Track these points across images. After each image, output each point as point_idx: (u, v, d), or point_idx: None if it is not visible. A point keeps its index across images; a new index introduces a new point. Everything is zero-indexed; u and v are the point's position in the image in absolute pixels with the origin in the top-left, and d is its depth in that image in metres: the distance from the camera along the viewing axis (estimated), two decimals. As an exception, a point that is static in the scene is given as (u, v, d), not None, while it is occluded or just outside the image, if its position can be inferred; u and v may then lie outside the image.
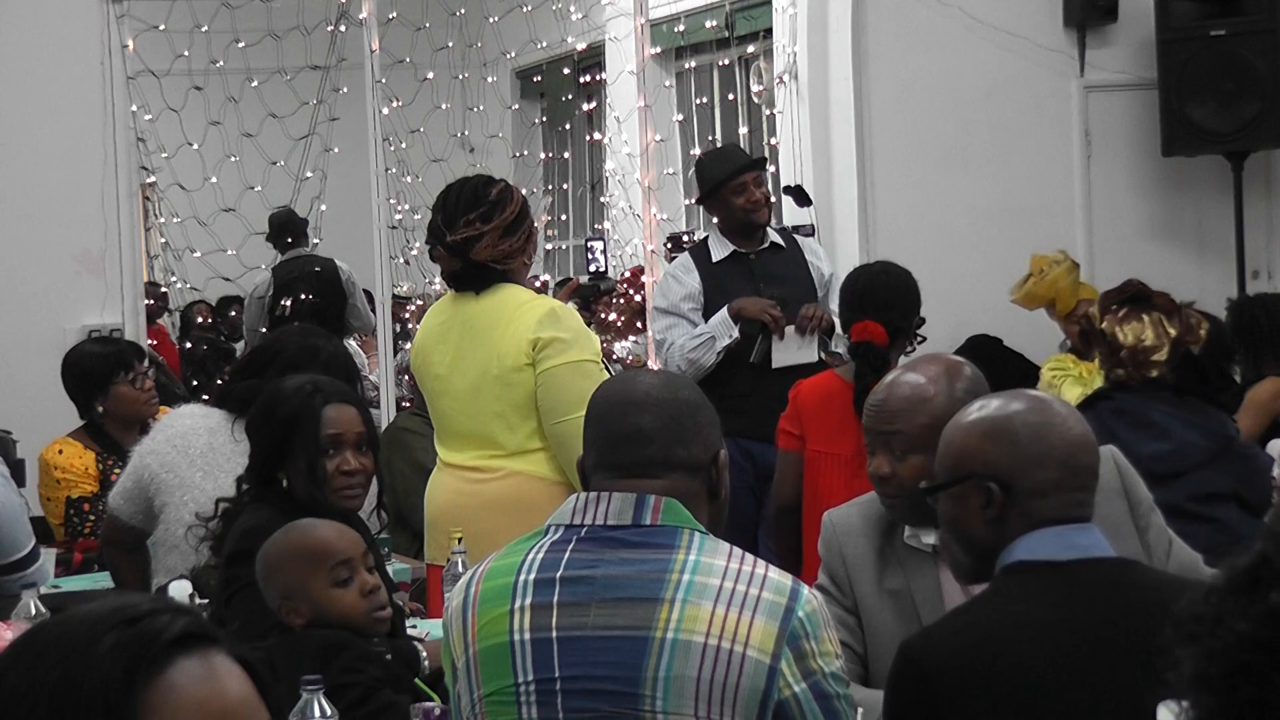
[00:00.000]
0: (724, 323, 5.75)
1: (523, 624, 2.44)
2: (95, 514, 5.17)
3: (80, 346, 5.62)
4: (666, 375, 2.80)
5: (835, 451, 4.81)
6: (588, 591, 2.43)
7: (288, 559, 3.11)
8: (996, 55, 7.37)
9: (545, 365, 4.25)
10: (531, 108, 12.00)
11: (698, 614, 2.37)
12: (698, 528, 2.48)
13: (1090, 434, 2.58)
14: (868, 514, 3.23)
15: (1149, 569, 2.64)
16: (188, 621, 1.41)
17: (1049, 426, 2.53)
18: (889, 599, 3.12)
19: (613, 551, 2.45)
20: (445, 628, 2.58)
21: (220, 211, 9.40)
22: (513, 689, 2.44)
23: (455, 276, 4.42)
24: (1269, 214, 7.60)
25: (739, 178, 5.93)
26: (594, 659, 2.40)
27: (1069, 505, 2.50)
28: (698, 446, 2.55)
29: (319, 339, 4.45)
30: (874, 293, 4.91)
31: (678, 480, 2.52)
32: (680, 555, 2.43)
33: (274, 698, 1.46)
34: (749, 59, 10.10)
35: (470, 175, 4.62)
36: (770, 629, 2.37)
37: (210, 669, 1.41)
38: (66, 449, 5.26)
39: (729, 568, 2.42)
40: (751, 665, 2.35)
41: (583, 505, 2.51)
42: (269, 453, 3.63)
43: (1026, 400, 2.61)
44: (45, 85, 6.92)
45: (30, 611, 3.63)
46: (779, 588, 2.41)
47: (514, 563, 2.50)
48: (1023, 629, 2.41)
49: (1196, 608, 1.40)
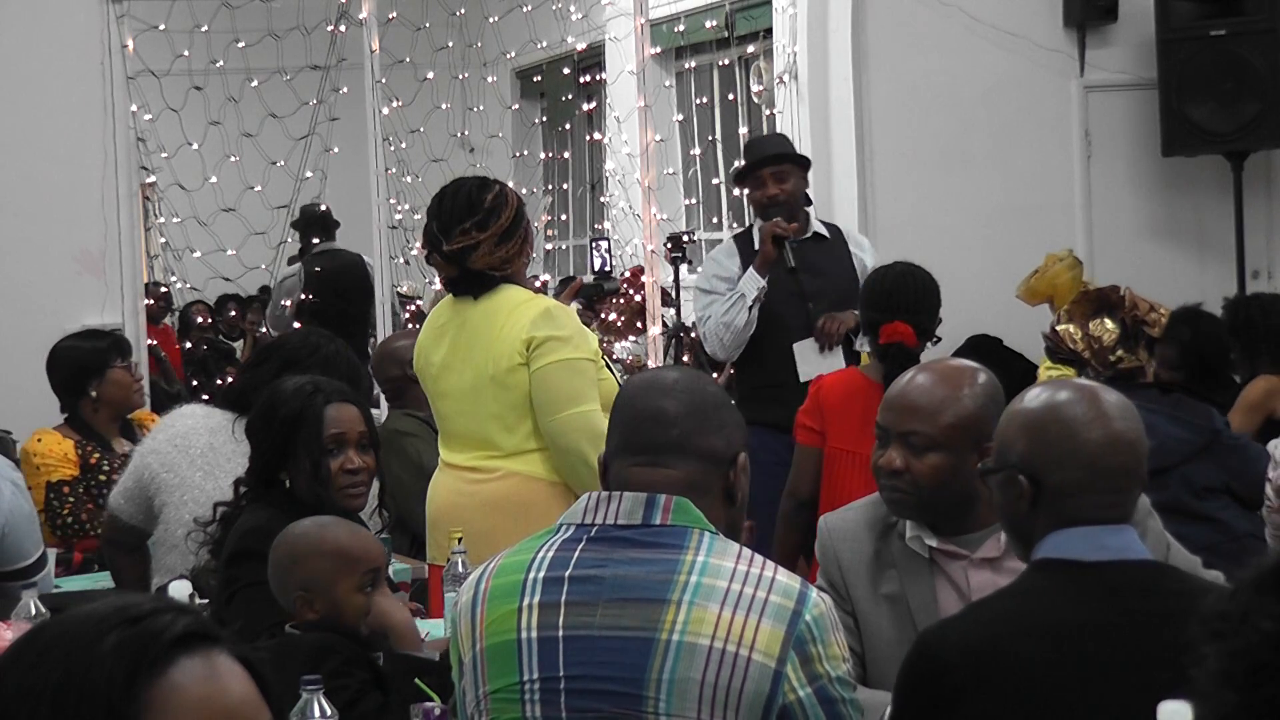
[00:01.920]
0: (751, 279, 5.75)
1: (530, 622, 2.44)
2: (75, 497, 5.19)
3: (66, 340, 5.63)
4: (694, 371, 2.78)
5: (859, 451, 4.77)
6: (595, 591, 2.42)
7: (320, 554, 3.11)
8: (996, 55, 7.38)
9: (539, 363, 4.24)
10: (531, 108, 12.01)
11: (704, 616, 2.36)
12: (708, 528, 2.46)
13: (1131, 433, 2.51)
14: (863, 518, 3.23)
15: (1183, 574, 2.58)
16: (190, 621, 1.41)
17: (1083, 424, 2.48)
18: (885, 604, 3.11)
19: (622, 551, 2.44)
20: (453, 623, 2.58)
21: (220, 211, 9.41)
22: (517, 686, 2.43)
23: (453, 282, 4.41)
24: (1269, 214, 7.60)
25: (756, 172, 5.94)
26: (599, 659, 2.39)
27: (1098, 507, 2.46)
28: (719, 439, 2.54)
29: (321, 338, 4.45)
30: (902, 294, 4.87)
31: (695, 470, 2.51)
32: (688, 556, 2.41)
33: (276, 697, 1.46)
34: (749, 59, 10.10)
35: (465, 177, 4.58)
36: (776, 633, 2.35)
37: (212, 669, 1.41)
38: (45, 437, 5.30)
39: (737, 569, 2.41)
40: (756, 669, 2.34)
41: (594, 504, 2.50)
42: (271, 453, 3.64)
43: (1073, 393, 2.55)
44: (45, 85, 6.92)
45: (30, 611, 3.63)
46: (786, 591, 2.40)
47: (524, 560, 2.50)
48: (1038, 628, 2.39)
49: (1222, 605, 1.41)
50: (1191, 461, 4.74)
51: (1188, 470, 4.72)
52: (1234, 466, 4.79)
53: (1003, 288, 6.94)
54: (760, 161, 5.94)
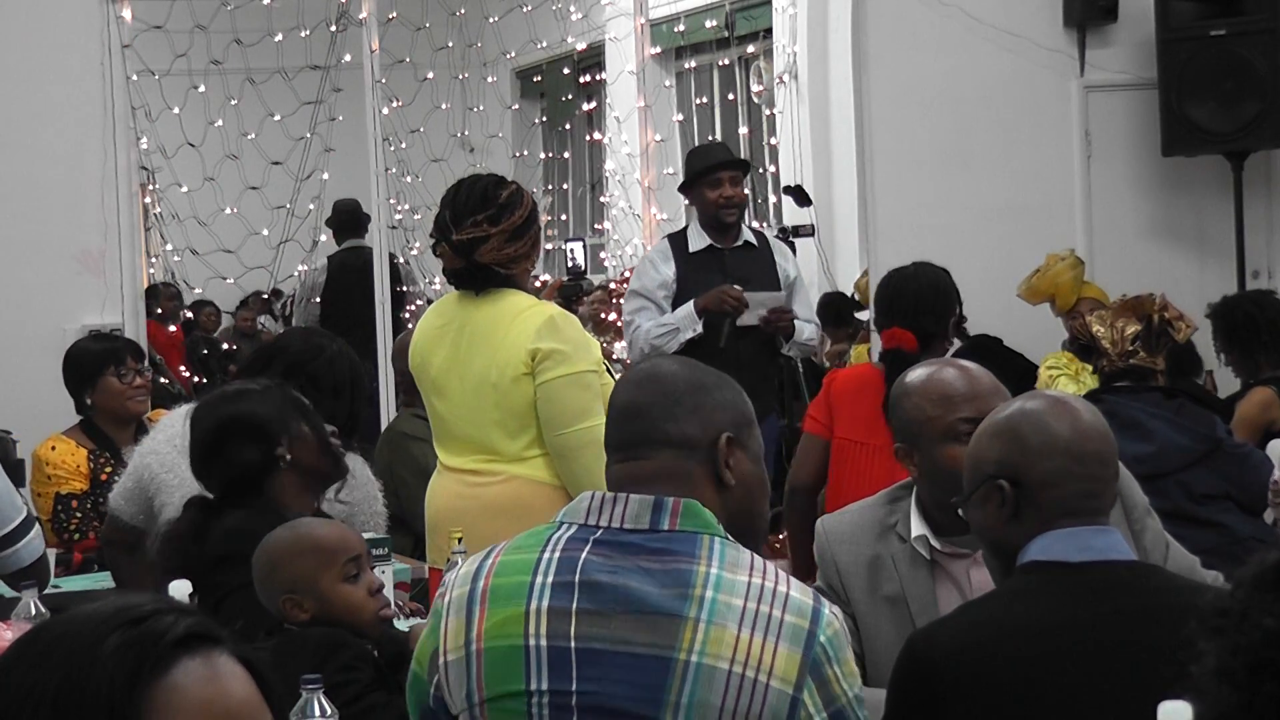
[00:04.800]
0: (689, 317, 6.13)
1: (539, 629, 2.36)
2: (82, 512, 5.19)
3: (80, 341, 5.71)
4: (680, 359, 2.70)
5: (870, 441, 4.81)
6: (608, 601, 2.35)
7: (298, 553, 3.10)
8: (996, 55, 7.37)
9: (544, 377, 4.23)
10: (531, 108, 12.02)
11: (722, 637, 2.31)
12: (718, 532, 2.41)
13: (1101, 425, 2.56)
14: (860, 521, 3.23)
15: (1168, 574, 2.60)
16: (192, 622, 1.41)
17: (1054, 416, 2.53)
18: (884, 606, 3.11)
19: (632, 559, 2.37)
20: (439, 615, 2.46)
21: (220, 211, 9.41)
22: (524, 696, 2.36)
23: (457, 274, 4.41)
24: (1269, 214, 7.60)
25: (715, 173, 6.25)
26: (614, 675, 2.33)
27: (1081, 496, 2.48)
28: (692, 424, 2.46)
29: (323, 338, 4.45)
30: (902, 299, 4.91)
31: (666, 459, 2.45)
32: (701, 568, 2.35)
33: (277, 698, 1.46)
34: (749, 59, 10.11)
35: (483, 174, 4.58)
36: (794, 657, 2.31)
37: (214, 670, 1.41)
38: (60, 446, 5.28)
39: (751, 584, 2.35)
40: (774, 696, 2.30)
41: (598, 505, 2.44)
42: (254, 459, 3.56)
43: (1037, 399, 2.61)
44: (45, 85, 6.92)
45: (30, 611, 3.62)
46: (801, 609, 2.34)
47: (529, 560, 2.42)
48: (1024, 629, 2.40)
49: (1222, 602, 1.41)
50: (1191, 468, 4.72)
51: (1187, 477, 4.70)
52: (1235, 475, 4.75)
53: (1003, 288, 6.94)
54: (722, 164, 6.28)
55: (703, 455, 2.46)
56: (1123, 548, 2.50)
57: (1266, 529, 4.63)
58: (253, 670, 1.44)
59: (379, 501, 4.27)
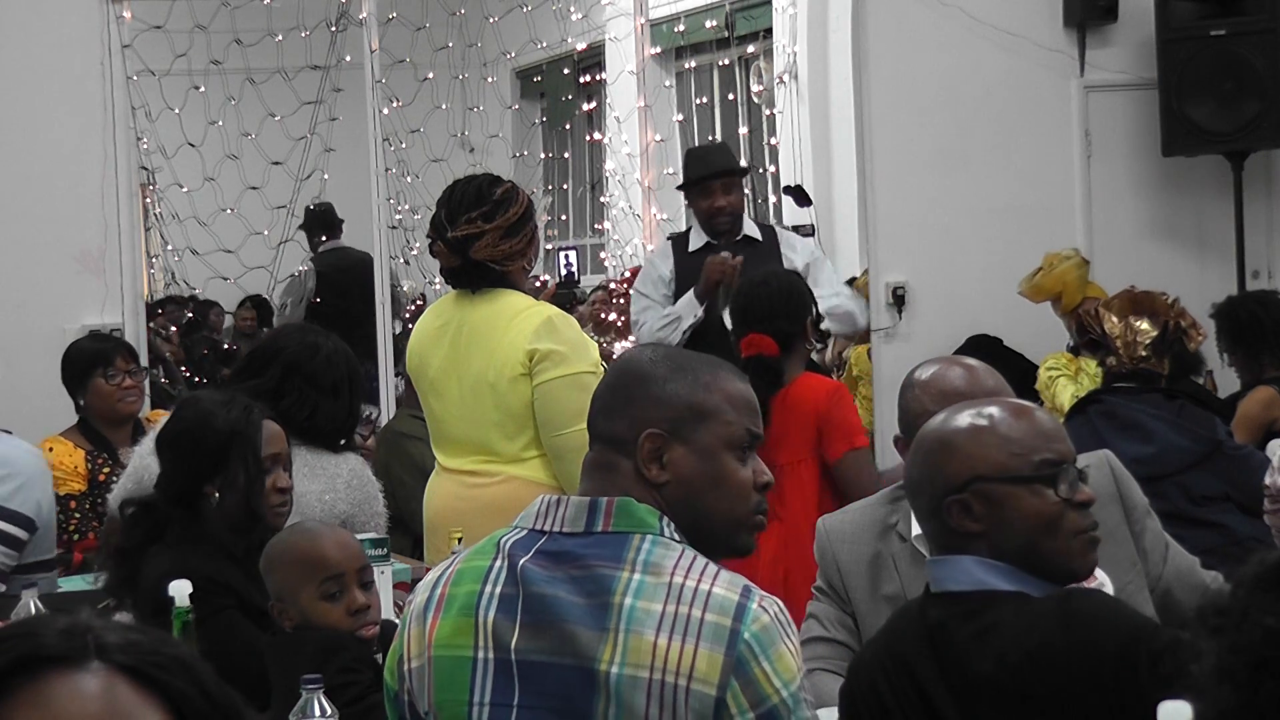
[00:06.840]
0: (689, 304, 6.12)
1: (487, 641, 2.36)
2: (81, 512, 5.20)
3: (76, 341, 5.74)
4: (665, 348, 2.66)
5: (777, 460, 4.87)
6: (543, 613, 2.33)
7: (285, 563, 3.09)
8: (996, 55, 7.37)
9: (541, 378, 4.23)
10: (531, 108, 12.02)
11: (640, 645, 2.26)
12: (650, 529, 2.35)
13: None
14: (861, 520, 3.23)
15: (1023, 605, 2.42)
16: (50, 644, 1.29)
17: (983, 412, 2.54)
18: (885, 605, 3.11)
19: (564, 568, 2.35)
20: (403, 623, 2.47)
21: (220, 211, 9.42)
22: (465, 705, 2.36)
23: (453, 273, 4.41)
24: (1269, 214, 7.60)
25: (706, 183, 6.25)
26: (549, 689, 2.31)
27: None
28: (621, 420, 2.42)
29: (318, 336, 4.44)
30: (754, 306, 5.07)
31: (600, 452, 2.44)
32: (624, 574, 2.31)
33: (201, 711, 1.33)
34: (749, 59, 10.11)
35: (479, 173, 4.60)
36: (715, 657, 2.24)
37: (43, 697, 1.27)
38: (58, 446, 5.29)
39: (672, 584, 2.29)
40: (696, 699, 2.24)
41: (545, 509, 2.43)
42: (201, 468, 3.50)
43: (961, 408, 2.58)
44: (45, 85, 6.92)
45: (30, 611, 3.63)
46: (723, 607, 2.27)
47: (482, 567, 2.41)
48: (883, 663, 2.46)
49: (1223, 601, 1.41)
50: (1190, 470, 4.72)
51: (1186, 479, 4.69)
52: (1234, 476, 4.74)
53: (1003, 287, 6.94)
54: (713, 174, 6.24)
55: (630, 450, 2.41)
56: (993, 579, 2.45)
57: (1266, 530, 4.63)
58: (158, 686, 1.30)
59: (379, 502, 4.26)
